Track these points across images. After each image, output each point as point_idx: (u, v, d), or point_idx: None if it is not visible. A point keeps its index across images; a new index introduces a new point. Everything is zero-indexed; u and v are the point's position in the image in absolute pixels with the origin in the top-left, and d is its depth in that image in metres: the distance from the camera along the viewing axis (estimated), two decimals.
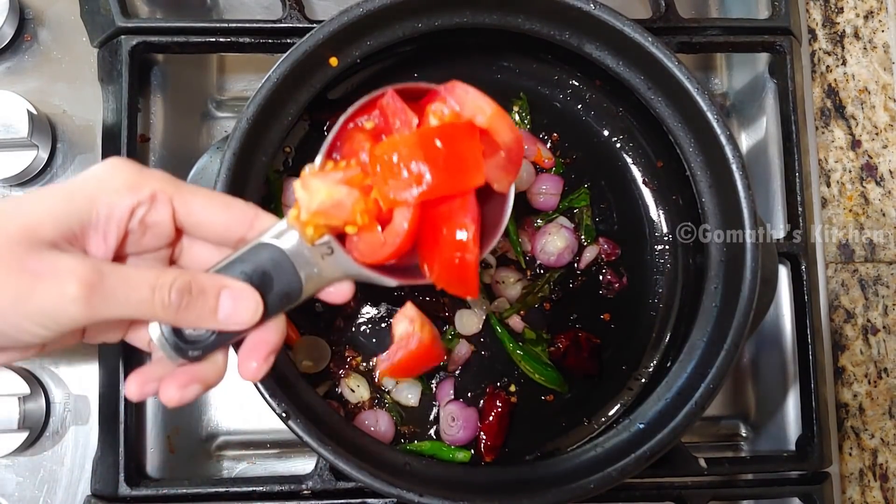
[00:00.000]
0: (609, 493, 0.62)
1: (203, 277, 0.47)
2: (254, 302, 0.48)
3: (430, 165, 0.49)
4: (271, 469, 0.79)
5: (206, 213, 0.49)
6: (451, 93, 0.52)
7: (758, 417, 0.84)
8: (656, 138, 0.75)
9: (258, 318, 0.48)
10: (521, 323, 0.77)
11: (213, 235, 0.50)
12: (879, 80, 0.89)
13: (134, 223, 0.47)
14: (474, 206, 0.51)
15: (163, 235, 0.49)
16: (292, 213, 0.49)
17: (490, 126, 0.52)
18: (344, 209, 0.49)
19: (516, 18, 0.68)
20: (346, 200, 0.49)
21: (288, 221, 0.49)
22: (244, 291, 0.48)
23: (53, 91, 0.77)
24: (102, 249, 0.47)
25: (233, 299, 0.47)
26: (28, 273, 0.43)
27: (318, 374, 0.74)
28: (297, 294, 0.50)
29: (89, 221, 0.46)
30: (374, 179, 0.50)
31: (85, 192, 0.46)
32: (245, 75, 0.85)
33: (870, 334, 0.87)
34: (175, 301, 0.45)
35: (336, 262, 0.50)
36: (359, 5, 0.63)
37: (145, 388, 0.48)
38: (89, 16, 0.73)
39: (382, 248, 0.51)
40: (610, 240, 0.79)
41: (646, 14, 0.76)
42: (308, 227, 0.49)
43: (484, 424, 0.73)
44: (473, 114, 0.51)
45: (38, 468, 0.73)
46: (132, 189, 0.46)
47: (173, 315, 0.46)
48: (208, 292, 0.47)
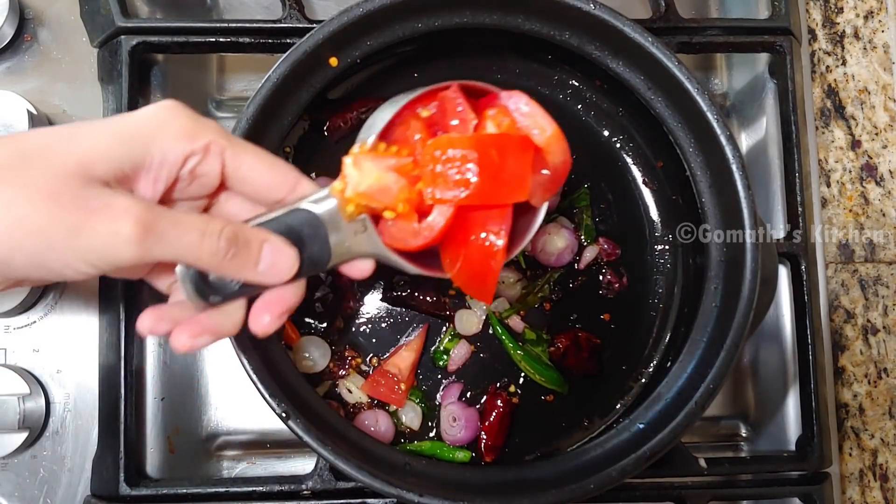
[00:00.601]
0: (609, 494, 0.62)
1: (248, 229, 0.48)
2: (292, 258, 0.49)
3: (481, 173, 0.49)
4: (271, 469, 0.79)
5: (254, 170, 0.49)
6: (512, 101, 0.53)
7: (758, 417, 0.84)
8: (656, 138, 0.75)
9: (293, 275, 0.49)
10: (522, 323, 0.76)
11: (254, 193, 0.50)
12: (879, 80, 0.89)
13: (185, 171, 0.47)
14: (510, 216, 0.52)
15: (208, 186, 0.49)
16: (337, 185, 0.50)
17: (546, 145, 0.52)
18: (389, 195, 0.50)
19: (516, 18, 0.68)
20: (392, 187, 0.50)
21: (330, 192, 0.50)
22: (284, 247, 0.49)
23: (53, 91, 0.77)
24: (150, 193, 0.47)
25: (273, 253, 0.48)
26: (83, 209, 0.43)
27: (317, 374, 0.74)
28: (325, 262, 0.51)
29: (142, 164, 0.46)
30: (423, 172, 0.50)
31: (142, 135, 0.46)
32: (245, 75, 0.85)
33: (870, 334, 0.87)
34: (223, 249, 0.46)
35: (366, 240, 0.51)
36: (359, 5, 0.63)
37: (158, 325, 0.49)
38: (89, 16, 0.73)
39: (414, 237, 0.51)
40: (610, 240, 0.78)
41: (646, 14, 0.76)
42: (349, 204, 0.50)
43: (485, 425, 0.73)
44: (532, 129, 0.52)
45: (38, 468, 0.73)
46: (188, 137, 0.47)
47: (218, 262, 0.46)
48: (252, 244, 0.47)
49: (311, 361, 0.73)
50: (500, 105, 0.53)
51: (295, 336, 0.73)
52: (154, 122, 0.47)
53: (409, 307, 0.76)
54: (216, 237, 0.46)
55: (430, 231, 0.51)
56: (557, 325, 0.77)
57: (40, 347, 0.74)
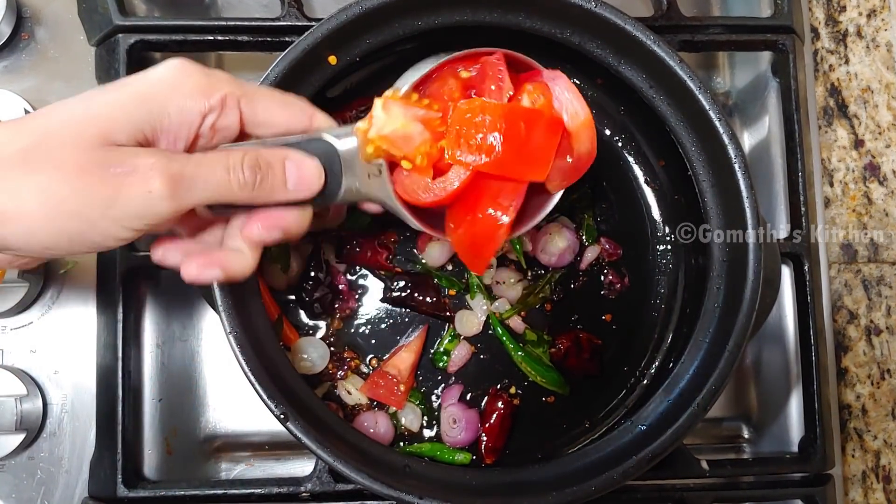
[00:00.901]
0: (610, 496, 0.62)
1: (265, 150, 0.48)
2: (316, 168, 0.49)
3: (506, 144, 0.49)
4: (270, 471, 0.78)
5: (269, 112, 0.50)
6: (553, 81, 0.52)
7: (760, 419, 0.83)
8: (658, 138, 0.75)
9: (322, 184, 0.49)
10: (522, 324, 0.76)
11: (273, 134, 0.51)
12: (882, 79, 0.89)
13: (205, 128, 0.48)
14: (522, 194, 0.52)
15: (230, 136, 0.49)
16: (361, 126, 0.50)
17: (576, 131, 0.52)
18: (410, 145, 0.50)
19: (517, 16, 0.68)
20: (416, 138, 0.50)
21: (353, 131, 0.50)
22: (305, 159, 0.49)
23: (51, 90, 0.76)
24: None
25: (297, 168, 0.49)
26: (112, 178, 0.43)
27: (316, 375, 0.73)
28: (333, 196, 0.51)
29: (161, 126, 0.46)
30: (448, 130, 0.50)
31: (157, 97, 0.46)
32: (243, 74, 0.83)
33: (873, 335, 0.86)
34: (249, 178, 0.47)
35: (377, 185, 0.52)
36: (358, 3, 0.63)
37: (168, 254, 0.50)
38: (87, 14, 0.73)
39: (426, 193, 0.52)
40: (612, 240, 0.78)
41: (648, 12, 0.76)
42: (370, 145, 0.50)
43: (485, 426, 0.73)
44: (565, 112, 0.52)
45: (36, 470, 0.72)
46: (204, 94, 0.47)
47: (250, 193, 0.47)
48: (274, 164, 0.48)
49: (310, 363, 0.72)
50: (541, 82, 0.53)
51: (293, 337, 0.73)
52: (167, 83, 0.47)
53: (408, 307, 0.76)
54: (240, 168, 0.47)
55: (442, 190, 0.51)
56: (558, 326, 0.77)
57: (37, 348, 0.74)
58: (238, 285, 0.60)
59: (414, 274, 0.76)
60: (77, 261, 0.75)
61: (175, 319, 0.78)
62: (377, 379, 0.73)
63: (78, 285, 0.75)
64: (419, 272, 0.76)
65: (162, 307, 0.76)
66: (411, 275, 0.76)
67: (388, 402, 0.73)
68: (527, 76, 0.54)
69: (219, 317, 0.58)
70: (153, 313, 0.76)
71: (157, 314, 0.76)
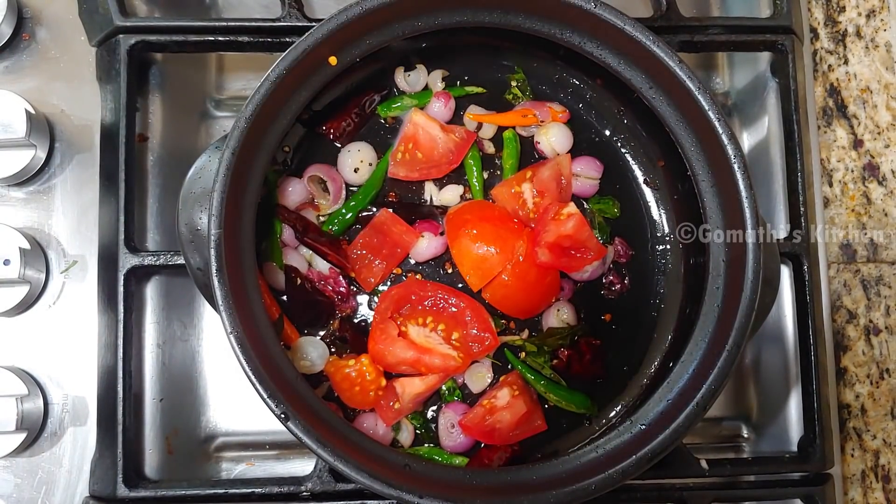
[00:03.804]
0: (610, 495, 0.62)
1: None
2: None
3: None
4: (270, 470, 0.78)
5: None
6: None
7: (759, 418, 0.83)
8: (657, 138, 0.75)
9: None
10: (518, 337, 0.75)
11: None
12: (881, 79, 0.89)
13: None
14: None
15: None
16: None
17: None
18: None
19: (517, 17, 0.68)
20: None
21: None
22: None
23: (51, 90, 0.77)
24: None
25: None
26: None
27: (316, 375, 0.73)
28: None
29: None
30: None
31: None
32: (244, 74, 0.85)
33: (872, 335, 0.86)
34: None
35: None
36: (358, 3, 0.63)
37: None
38: (88, 15, 0.73)
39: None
40: (624, 240, 0.78)
41: (647, 13, 0.76)
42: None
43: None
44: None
45: (36, 469, 0.72)
46: None
47: None
48: None
49: (310, 362, 0.72)
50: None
51: (294, 336, 0.73)
52: None
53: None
54: None
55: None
56: (556, 328, 0.77)
57: (38, 348, 0.74)
58: (239, 285, 0.60)
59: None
60: (77, 261, 0.75)
61: (175, 319, 0.78)
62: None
63: (79, 285, 0.75)
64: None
65: (162, 307, 0.76)
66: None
67: (379, 412, 0.71)
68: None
69: (219, 317, 0.58)
70: (154, 313, 0.76)
71: (157, 314, 0.76)
